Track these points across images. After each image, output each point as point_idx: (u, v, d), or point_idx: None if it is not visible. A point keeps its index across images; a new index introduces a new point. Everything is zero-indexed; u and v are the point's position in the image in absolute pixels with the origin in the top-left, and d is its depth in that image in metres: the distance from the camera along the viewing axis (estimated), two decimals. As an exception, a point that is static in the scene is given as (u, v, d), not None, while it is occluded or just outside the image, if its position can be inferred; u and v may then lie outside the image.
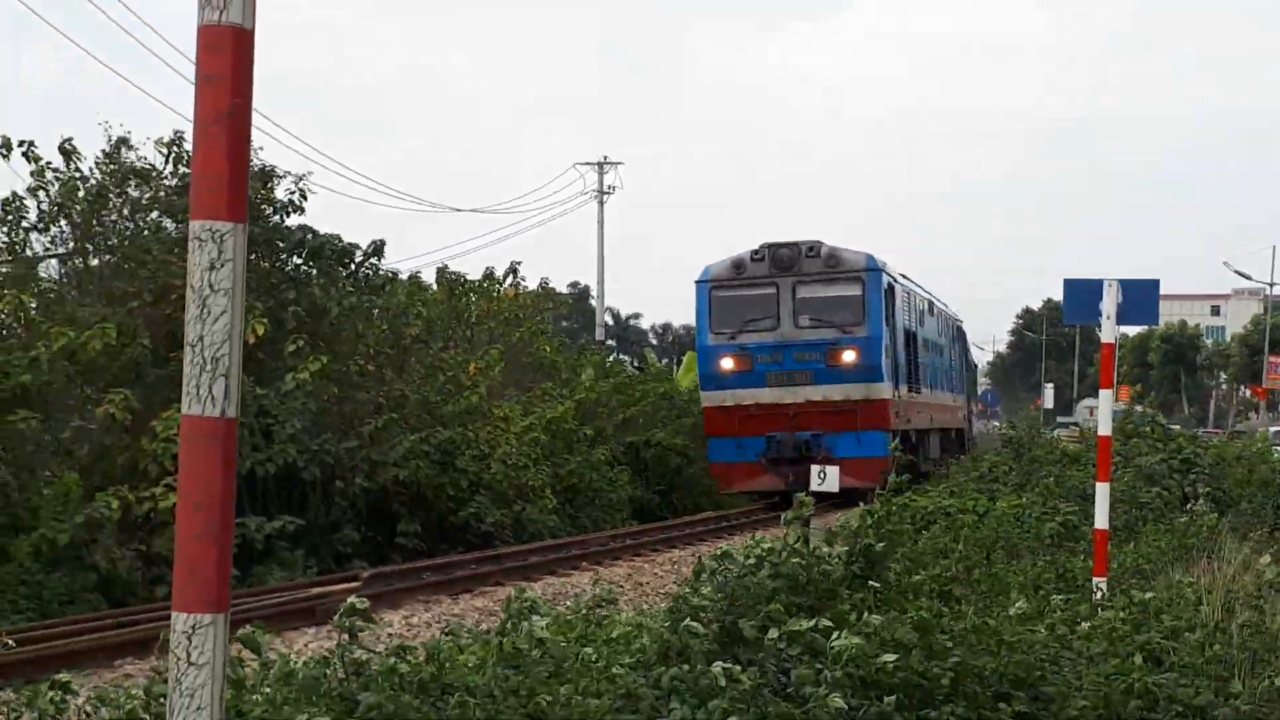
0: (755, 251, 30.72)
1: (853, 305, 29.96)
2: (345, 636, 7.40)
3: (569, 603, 10.95)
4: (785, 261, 29.99)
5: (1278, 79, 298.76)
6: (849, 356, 29.31)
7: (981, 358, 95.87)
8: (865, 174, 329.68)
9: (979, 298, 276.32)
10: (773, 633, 7.64)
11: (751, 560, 9.48)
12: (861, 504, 17.38)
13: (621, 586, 16.41)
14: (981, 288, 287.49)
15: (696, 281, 31.82)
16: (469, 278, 36.88)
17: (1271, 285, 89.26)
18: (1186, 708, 7.54)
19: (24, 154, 22.92)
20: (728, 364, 30.13)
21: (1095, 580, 11.75)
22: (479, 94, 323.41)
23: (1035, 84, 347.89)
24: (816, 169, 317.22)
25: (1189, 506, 19.39)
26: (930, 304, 41.43)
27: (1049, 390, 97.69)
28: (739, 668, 6.91)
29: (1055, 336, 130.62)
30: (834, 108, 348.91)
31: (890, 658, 7.36)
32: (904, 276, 35.88)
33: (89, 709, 6.58)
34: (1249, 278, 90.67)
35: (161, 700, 5.92)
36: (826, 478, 21.53)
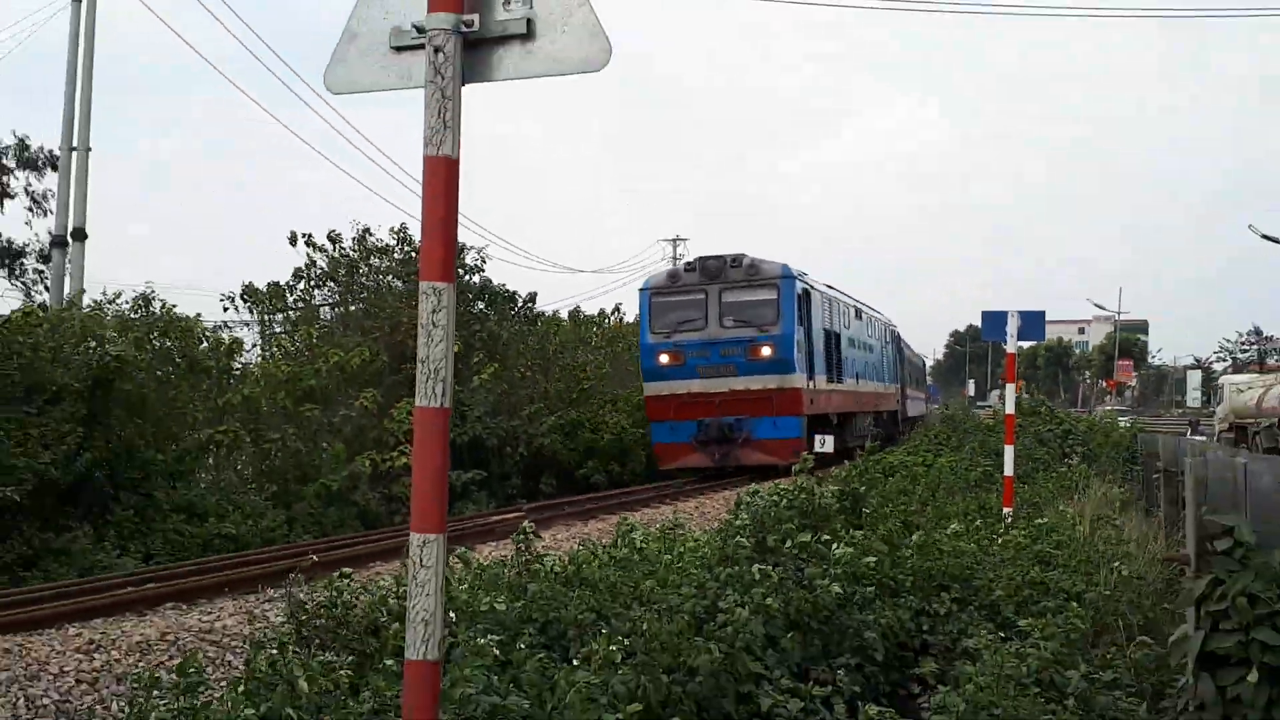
0: (689, 263, 26.51)
1: (769, 308, 25.01)
2: (520, 547, 7.49)
3: (657, 525, 10.90)
4: (713, 271, 25.26)
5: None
6: (765, 351, 24.53)
7: (929, 359, 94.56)
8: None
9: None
10: (789, 543, 7.62)
11: (775, 496, 9.46)
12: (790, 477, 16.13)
13: (691, 515, 16.30)
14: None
15: (639, 289, 27.04)
16: (588, 314, 37.74)
17: (1119, 313, 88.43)
18: (1066, 593, 7.45)
19: (305, 241, 24.45)
20: (664, 359, 25.25)
21: (1005, 510, 11.65)
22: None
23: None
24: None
25: (1066, 460, 19.21)
26: (858, 309, 34.84)
27: (971, 384, 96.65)
28: (769, 567, 6.90)
29: (975, 349, 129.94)
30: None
31: (871, 560, 7.33)
32: (828, 286, 30.74)
33: (356, 592, 6.65)
34: (1103, 308, 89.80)
35: (403, 586, 6.00)
36: (825, 443, 21.16)
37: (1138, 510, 13.48)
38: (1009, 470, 12.32)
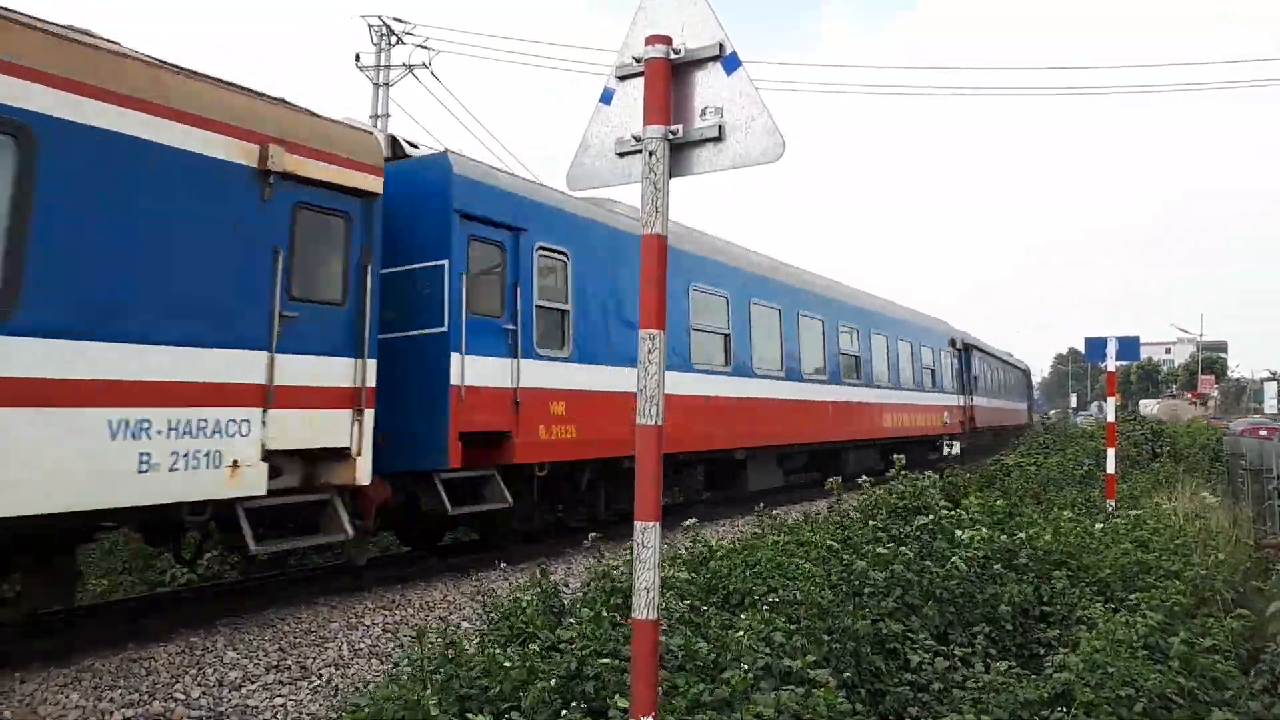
0: None
1: None
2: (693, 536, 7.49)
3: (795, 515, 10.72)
4: None
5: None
6: None
7: (1036, 376, 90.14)
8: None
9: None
10: (919, 519, 7.38)
11: (879, 492, 9.18)
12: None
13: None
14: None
15: None
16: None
17: (1201, 335, 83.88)
18: (1165, 571, 7.00)
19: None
20: None
21: (1108, 502, 11.08)
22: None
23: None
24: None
25: (1158, 460, 18.08)
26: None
27: (1073, 397, 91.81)
28: (901, 548, 6.70)
29: (1075, 368, 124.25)
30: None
31: (1005, 539, 7.00)
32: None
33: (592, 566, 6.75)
34: (1187, 331, 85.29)
35: (628, 561, 6.12)
36: (954, 447, 20.27)
37: (1225, 502, 12.53)
38: (1110, 469, 11.73)
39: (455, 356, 9.10)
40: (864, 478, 9.98)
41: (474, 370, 9.30)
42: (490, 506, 9.55)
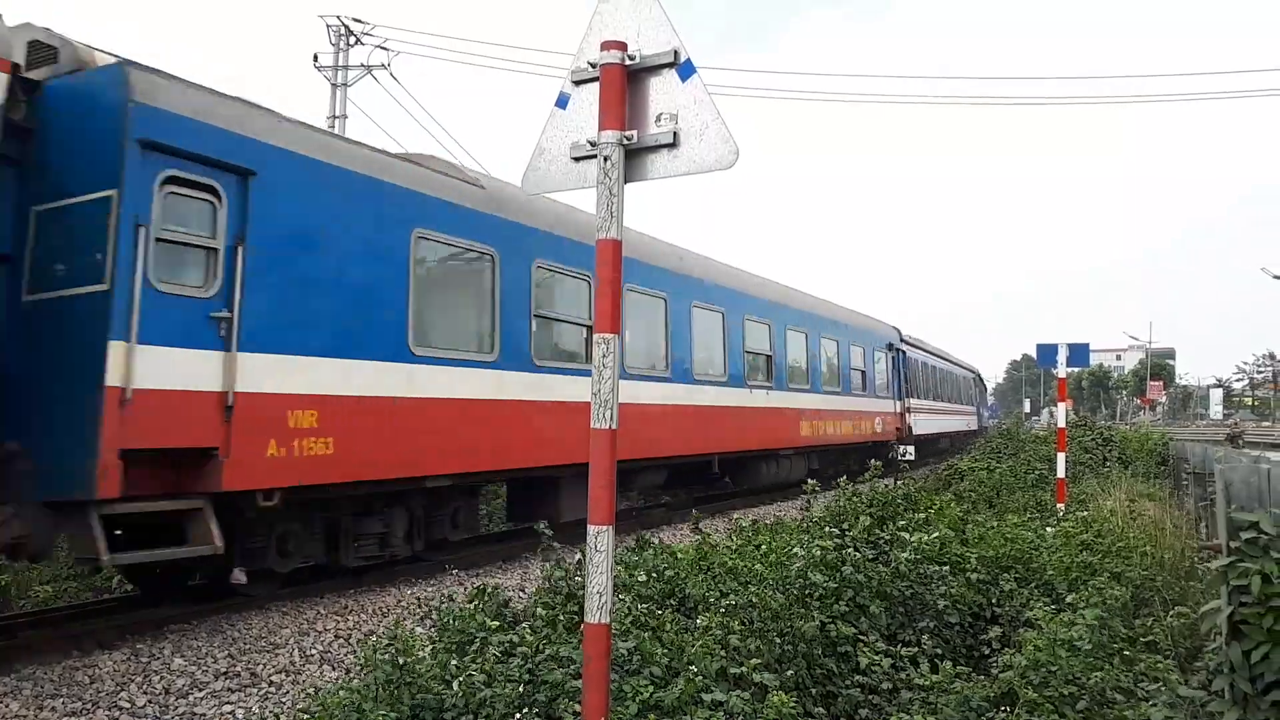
0: None
1: None
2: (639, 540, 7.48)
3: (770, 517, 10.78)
4: None
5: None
6: None
7: (991, 383, 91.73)
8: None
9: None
10: (865, 528, 7.48)
11: (850, 493, 9.26)
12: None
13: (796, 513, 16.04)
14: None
15: None
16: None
17: (1151, 343, 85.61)
18: (1110, 573, 7.17)
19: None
20: None
21: (1058, 506, 11.31)
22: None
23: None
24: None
25: (1107, 464, 18.43)
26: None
27: (1026, 402, 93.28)
28: (853, 550, 6.78)
29: (1029, 374, 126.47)
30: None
31: (947, 532, 7.13)
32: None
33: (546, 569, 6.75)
34: (1136, 338, 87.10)
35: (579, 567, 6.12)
36: (908, 453, 20.42)
37: (1170, 504, 12.83)
38: (1061, 473, 11.97)
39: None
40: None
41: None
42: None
